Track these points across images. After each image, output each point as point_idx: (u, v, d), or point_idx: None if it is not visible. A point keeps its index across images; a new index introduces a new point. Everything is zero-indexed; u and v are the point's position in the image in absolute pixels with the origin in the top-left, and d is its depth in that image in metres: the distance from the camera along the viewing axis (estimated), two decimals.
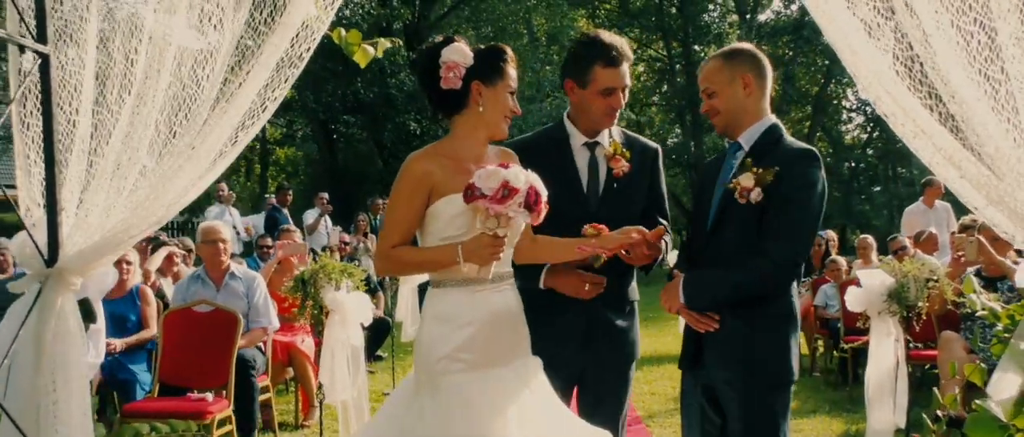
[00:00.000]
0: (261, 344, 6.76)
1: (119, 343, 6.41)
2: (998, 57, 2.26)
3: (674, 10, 32.51)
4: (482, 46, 3.17)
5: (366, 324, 5.93)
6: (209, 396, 5.75)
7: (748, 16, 32.25)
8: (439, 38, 3.15)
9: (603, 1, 33.58)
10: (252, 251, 11.88)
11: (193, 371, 6.06)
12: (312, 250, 11.50)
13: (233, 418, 5.93)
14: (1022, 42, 2.24)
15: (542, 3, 27.31)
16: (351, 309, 5.67)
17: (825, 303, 9.42)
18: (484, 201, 2.90)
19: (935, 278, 5.55)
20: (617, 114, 3.60)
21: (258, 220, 13.60)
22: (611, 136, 3.65)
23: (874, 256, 10.73)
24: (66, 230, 2.61)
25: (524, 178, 2.94)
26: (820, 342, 9.89)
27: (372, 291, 11.20)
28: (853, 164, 33.89)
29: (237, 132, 2.56)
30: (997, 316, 2.40)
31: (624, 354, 3.64)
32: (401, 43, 25.62)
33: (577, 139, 3.63)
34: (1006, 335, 2.32)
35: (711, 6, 33.36)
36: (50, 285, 2.60)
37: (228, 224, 12.21)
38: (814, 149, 3.18)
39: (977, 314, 2.59)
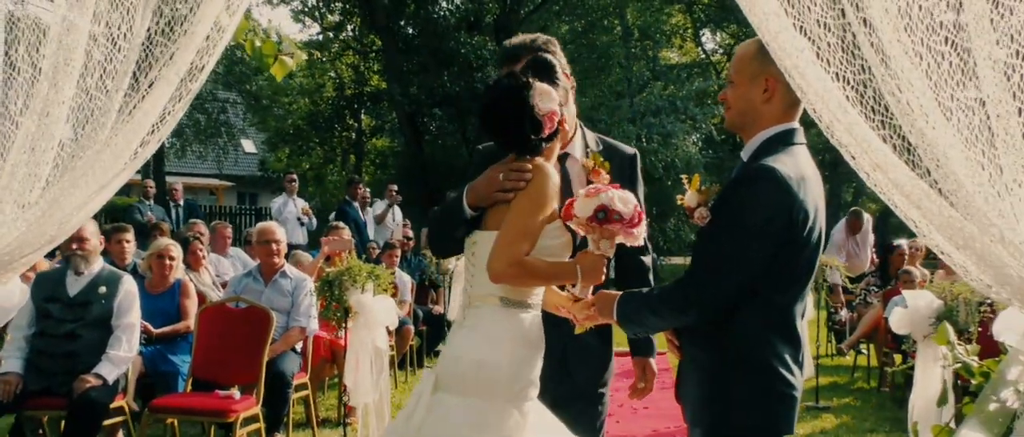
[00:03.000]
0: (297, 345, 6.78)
1: (154, 331, 6.53)
2: (971, 82, 2.00)
3: None
4: (525, 66, 3.06)
5: (391, 327, 5.86)
6: (235, 394, 5.76)
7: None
8: (508, 81, 2.98)
9: None
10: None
11: (225, 367, 6.09)
12: (381, 244, 11.55)
13: (261, 416, 5.94)
14: (999, 66, 1.98)
15: None
16: (376, 312, 5.61)
17: None
18: (619, 225, 2.81)
19: (989, 301, 5.17)
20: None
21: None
22: (587, 145, 3.44)
23: None
24: None
25: (634, 199, 2.87)
26: (892, 357, 9.41)
27: (435, 286, 11.22)
28: None
29: (137, 148, 2.48)
30: (971, 372, 2.14)
31: (594, 377, 3.46)
32: (320, 54, 25.63)
33: None
34: (976, 391, 2.07)
35: None
36: None
37: (292, 215, 12.37)
38: (773, 169, 2.62)
39: (947, 367, 2.32)
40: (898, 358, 9.13)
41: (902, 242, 11.15)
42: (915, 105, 2.00)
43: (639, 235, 2.85)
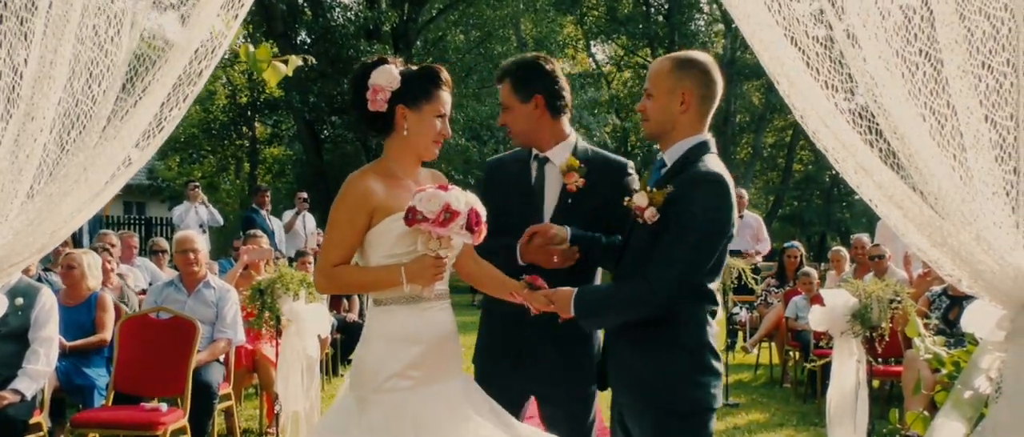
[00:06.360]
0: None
1: (67, 343, 6.30)
2: (944, 90, 2.18)
3: (661, 18, 32.50)
4: (414, 67, 3.17)
5: (323, 335, 5.82)
6: (162, 406, 5.63)
7: (734, 24, 32.11)
8: (372, 59, 3.17)
9: (591, 8, 33.52)
10: (226, 252, 11.75)
11: (149, 380, 5.94)
12: (287, 256, 11.37)
13: (188, 428, 5.81)
14: (968, 75, 2.16)
15: (530, 9, 27.22)
16: (308, 320, 5.57)
17: (796, 315, 9.38)
18: (426, 224, 2.93)
19: (899, 299, 5.48)
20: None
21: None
22: (575, 154, 3.61)
23: (847, 267, 10.73)
24: None
25: (464, 200, 2.98)
26: (793, 354, 9.82)
27: (348, 294, 11.09)
28: (834, 172, 33.81)
29: (130, 155, 2.44)
30: (942, 362, 2.31)
31: (580, 376, 3.53)
32: (313, 60, 25.14)
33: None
34: (949, 381, 2.23)
35: (697, 14, 33.35)
36: None
37: (194, 223, 12.09)
38: (720, 175, 3.00)
39: (922, 357, 2.50)
40: (798, 355, 9.55)
41: (793, 244, 11.69)
42: (894, 111, 2.16)
43: (458, 232, 2.97)
